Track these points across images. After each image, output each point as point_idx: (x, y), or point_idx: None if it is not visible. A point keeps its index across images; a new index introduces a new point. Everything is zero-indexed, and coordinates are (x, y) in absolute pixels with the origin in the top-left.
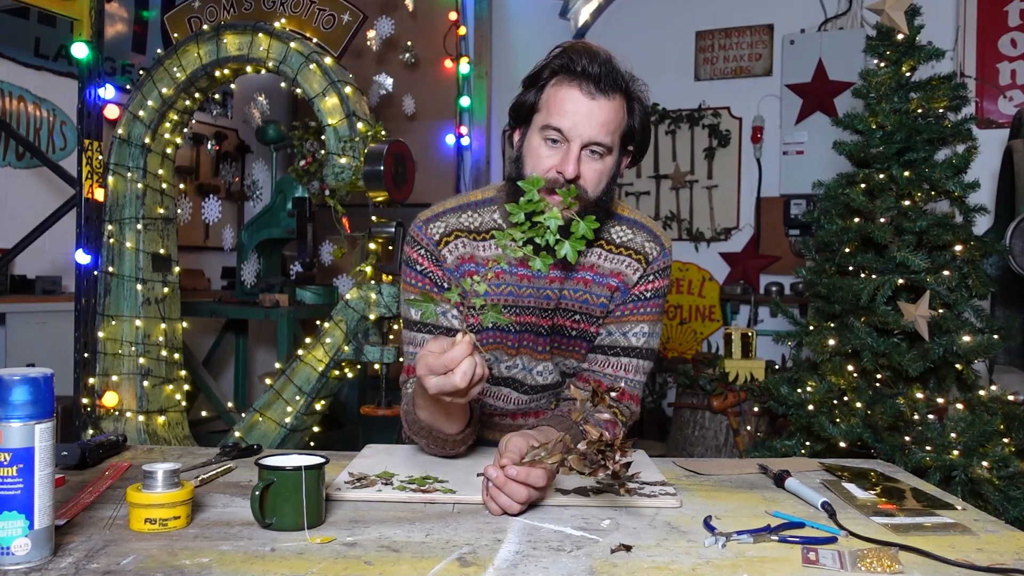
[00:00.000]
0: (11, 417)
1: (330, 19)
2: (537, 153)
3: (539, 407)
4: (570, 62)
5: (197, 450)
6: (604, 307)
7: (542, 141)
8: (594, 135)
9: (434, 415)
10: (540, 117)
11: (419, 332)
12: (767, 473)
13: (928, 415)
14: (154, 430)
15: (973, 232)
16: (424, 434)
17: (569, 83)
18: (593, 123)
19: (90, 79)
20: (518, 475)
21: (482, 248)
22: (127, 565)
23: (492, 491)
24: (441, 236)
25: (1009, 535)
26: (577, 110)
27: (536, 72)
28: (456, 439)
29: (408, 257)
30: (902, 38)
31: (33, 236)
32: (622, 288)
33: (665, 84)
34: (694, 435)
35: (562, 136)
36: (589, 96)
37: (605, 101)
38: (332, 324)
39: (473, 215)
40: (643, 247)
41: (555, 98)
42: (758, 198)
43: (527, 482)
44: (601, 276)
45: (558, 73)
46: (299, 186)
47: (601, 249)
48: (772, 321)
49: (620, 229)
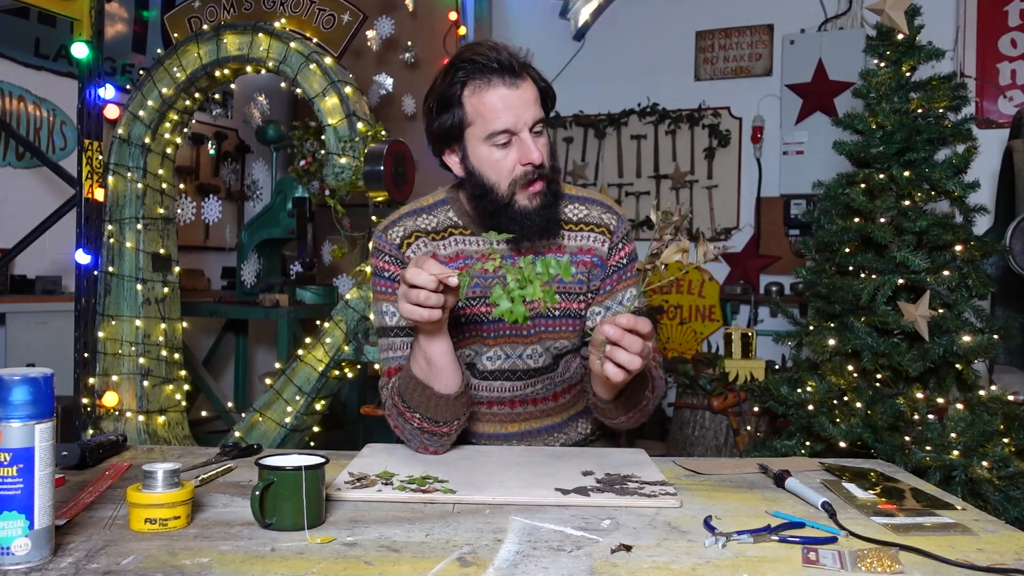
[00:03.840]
0: (11, 417)
1: (330, 19)
2: (492, 161)
3: (536, 393)
4: (480, 65)
5: (197, 450)
6: (583, 283)
7: (492, 148)
8: (534, 115)
9: (426, 370)
10: (476, 130)
11: (396, 337)
12: (767, 473)
13: (928, 415)
14: (154, 430)
15: (973, 232)
16: (417, 401)
17: (489, 84)
18: (527, 106)
19: (90, 79)
20: (627, 323)
21: (442, 247)
22: (127, 565)
23: (610, 352)
24: (402, 239)
25: (1009, 535)
26: (512, 104)
27: (446, 92)
28: (449, 402)
29: (375, 267)
30: (902, 38)
31: (33, 236)
32: (599, 263)
33: (665, 84)
34: (694, 435)
35: (511, 133)
36: (513, 86)
37: (523, 82)
38: (332, 324)
39: (429, 217)
40: (602, 220)
41: (485, 105)
42: (758, 198)
43: (636, 329)
44: (570, 254)
45: (468, 83)
46: (299, 186)
47: (561, 229)
48: (772, 321)
49: (574, 207)
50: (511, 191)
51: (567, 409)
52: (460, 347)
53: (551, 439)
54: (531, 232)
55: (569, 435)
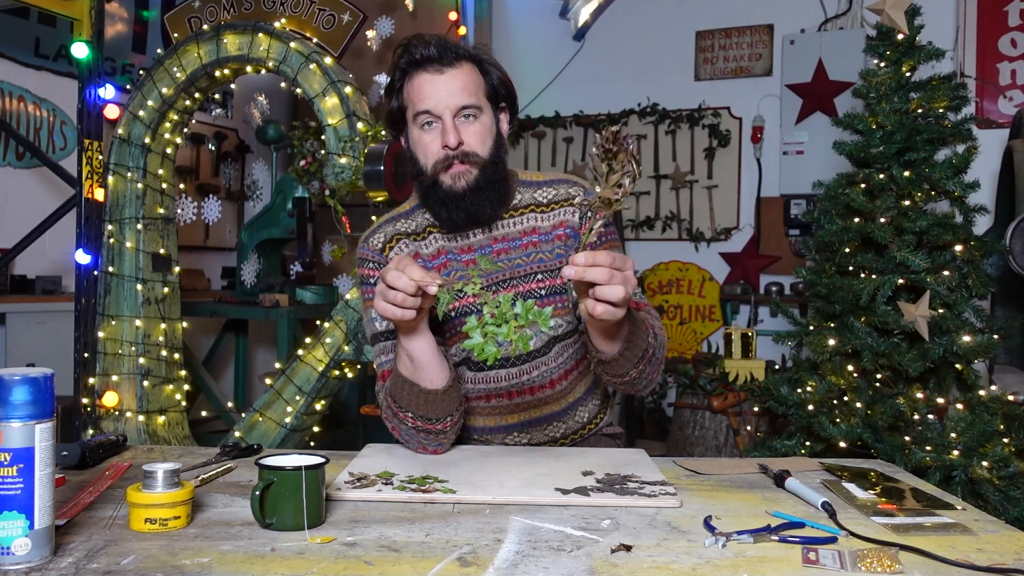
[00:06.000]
0: (11, 417)
1: (330, 19)
2: (421, 142)
3: (532, 381)
4: (410, 56)
5: (197, 450)
6: (562, 257)
7: (420, 131)
8: (457, 101)
9: (411, 368)
10: (409, 113)
11: (388, 341)
12: (767, 473)
13: (928, 415)
14: (154, 430)
15: (973, 232)
16: (407, 400)
17: (418, 72)
18: (452, 91)
19: (90, 79)
20: (585, 259)
21: (423, 246)
22: (127, 565)
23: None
24: (383, 244)
25: (1009, 535)
26: (435, 89)
27: (391, 80)
28: (438, 397)
29: (362, 276)
30: (902, 38)
31: (33, 236)
32: (573, 234)
33: (665, 84)
34: (694, 435)
35: (432, 116)
36: (438, 73)
37: (453, 71)
38: (332, 324)
39: (407, 221)
40: (569, 193)
41: (413, 89)
42: (758, 198)
43: (595, 263)
44: (546, 234)
45: (407, 71)
46: (299, 186)
47: (534, 212)
48: (772, 321)
49: (543, 192)
50: (435, 172)
51: (565, 396)
52: (454, 342)
53: (552, 428)
54: (457, 215)
55: (569, 424)
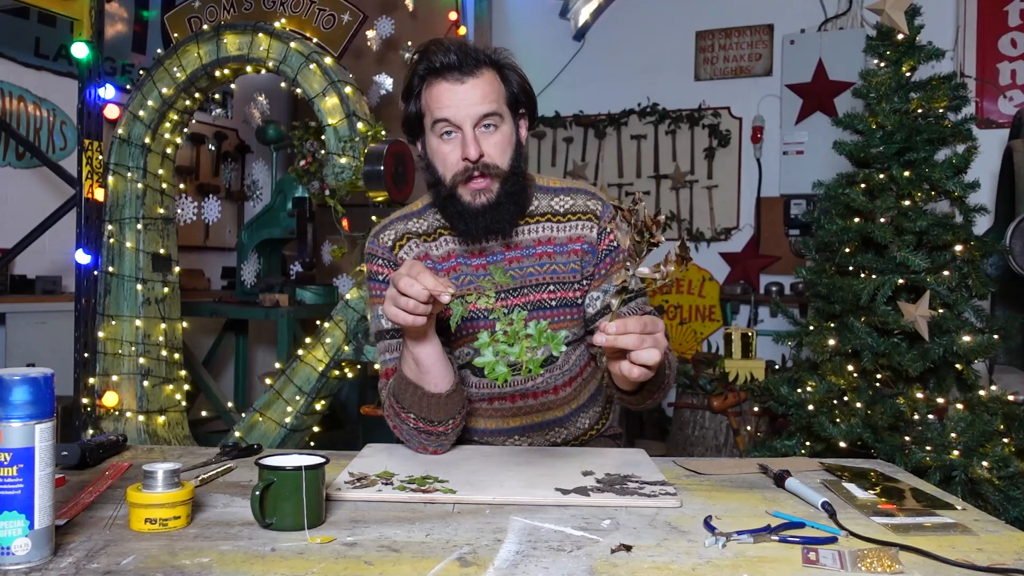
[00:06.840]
0: (11, 417)
1: (330, 19)
2: (439, 152)
3: (536, 387)
4: (429, 63)
5: (197, 450)
6: (576, 272)
7: (439, 140)
8: (478, 111)
9: (416, 371)
10: (427, 120)
11: (393, 339)
12: (767, 473)
13: (928, 415)
14: (154, 430)
15: (973, 232)
16: (410, 402)
17: (437, 80)
18: (472, 101)
19: (90, 79)
20: (616, 328)
21: (434, 247)
22: (127, 565)
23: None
24: (394, 241)
25: (1009, 535)
26: (455, 98)
27: (408, 84)
28: (441, 401)
29: (370, 271)
30: (902, 38)
31: (33, 236)
32: (590, 249)
33: (665, 84)
34: (694, 435)
35: (452, 125)
36: (458, 82)
37: (474, 80)
38: (332, 324)
39: (419, 221)
40: (588, 207)
41: (432, 97)
42: (758, 198)
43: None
44: (561, 245)
45: (426, 77)
46: (299, 186)
47: (549, 222)
48: (772, 321)
49: (560, 199)
50: (453, 184)
51: (568, 403)
52: (459, 345)
53: (552, 434)
54: (476, 230)
55: (570, 430)
